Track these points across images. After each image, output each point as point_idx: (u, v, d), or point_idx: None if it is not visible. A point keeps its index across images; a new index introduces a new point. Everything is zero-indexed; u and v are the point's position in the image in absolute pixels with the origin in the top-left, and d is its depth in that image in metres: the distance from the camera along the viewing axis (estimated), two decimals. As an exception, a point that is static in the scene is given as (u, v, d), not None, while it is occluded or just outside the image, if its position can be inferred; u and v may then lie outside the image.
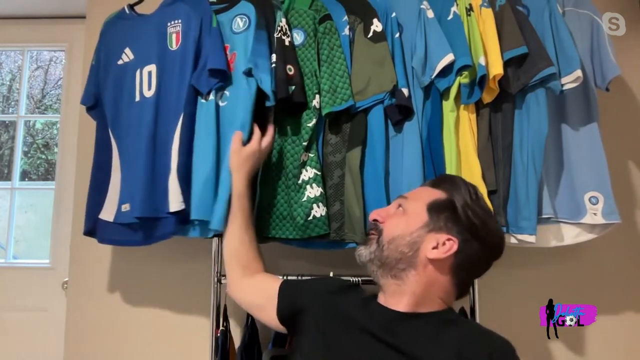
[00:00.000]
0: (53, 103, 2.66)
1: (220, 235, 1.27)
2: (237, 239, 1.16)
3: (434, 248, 0.88)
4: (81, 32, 1.85)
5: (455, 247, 0.88)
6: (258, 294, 1.09)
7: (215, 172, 1.27)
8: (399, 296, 0.91)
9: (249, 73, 1.28)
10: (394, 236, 0.91)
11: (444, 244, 0.88)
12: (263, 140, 1.24)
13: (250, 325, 1.45)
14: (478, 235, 0.89)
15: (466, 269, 0.91)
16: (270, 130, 1.26)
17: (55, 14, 2.15)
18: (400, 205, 0.95)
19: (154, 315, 1.65)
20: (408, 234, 0.90)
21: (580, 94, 1.41)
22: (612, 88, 1.41)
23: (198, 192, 1.26)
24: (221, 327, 1.41)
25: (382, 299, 0.94)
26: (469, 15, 1.34)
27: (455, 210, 0.89)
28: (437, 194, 0.93)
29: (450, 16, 1.34)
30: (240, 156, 1.20)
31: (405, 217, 0.92)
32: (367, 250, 0.94)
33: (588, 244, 1.41)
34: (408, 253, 0.89)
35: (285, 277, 1.15)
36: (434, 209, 0.91)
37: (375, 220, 0.96)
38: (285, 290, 1.05)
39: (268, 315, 1.05)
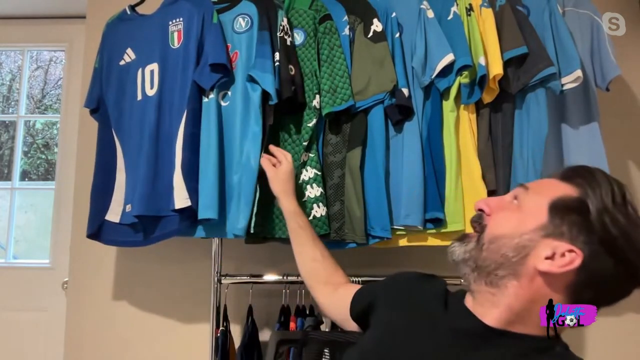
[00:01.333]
0: (53, 103, 2.66)
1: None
2: (308, 257, 1.10)
3: (547, 258, 0.68)
4: (81, 32, 1.85)
5: (577, 262, 0.67)
6: (342, 308, 0.98)
7: (219, 171, 1.27)
8: (489, 306, 0.73)
9: (251, 79, 1.29)
10: (499, 234, 0.72)
11: (562, 255, 0.67)
12: (286, 154, 1.23)
13: (250, 325, 1.45)
14: (615, 250, 0.67)
15: (590, 291, 0.70)
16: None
17: (55, 14, 2.15)
18: (516, 197, 0.75)
19: (154, 315, 1.65)
20: (517, 235, 0.70)
21: (581, 94, 1.40)
22: (612, 88, 1.40)
23: (203, 192, 1.26)
24: (221, 327, 1.41)
25: (469, 303, 0.76)
26: (469, 15, 1.34)
27: (588, 214, 0.68)
28: (567, 190, 0.71)
29: (450, 16, 1.34)
30: (280, 180, 1.18)
31: (518, 213, 0.72)
32: (462, 248, 0.76)
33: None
34: (513, 258, 0.70)
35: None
36: (558, 208, 0.69)
37: (480, 210, 0.77)
38: (358, 295, 0.96)
39: (352, 324, 0.96)
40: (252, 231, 1.27)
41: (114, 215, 1.38)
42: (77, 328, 1.66)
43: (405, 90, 1.29)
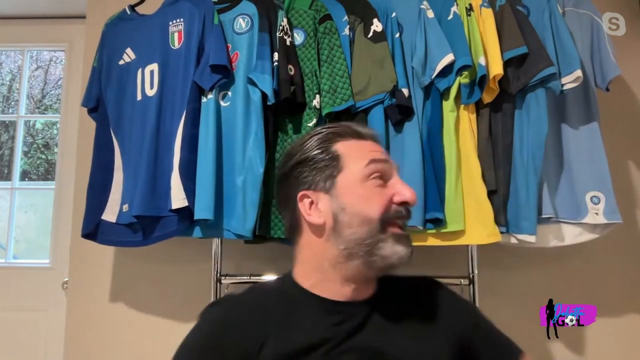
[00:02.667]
0: (53, 103, 2.66)
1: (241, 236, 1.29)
2: None
3: None
4: (81, 32, 1.85)
5: None
6: None
7: (216, 171, 1.27)
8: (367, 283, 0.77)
9: (251, 82, 1.29)
10: None
11: None
12: None
13: (250, 325, 1.45)
14: None
15: None
16: None
17: (55, 14, 2.15)
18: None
19: (153, 315, 1.65)
20: None
21: (581, 93, 1.40)
22: (612, 88, 1.40)
23: (200, 193, 1.26)
24: (221, 327, 1.41)
25: (344, 293, 0.75)
26: (469, 15, 1.34)
27: None
28: None
29: (451, 16, 1.34)
30: None
31: None
32: (409, 251, 0.73)
33: (588, 244, 1.41)
34: None
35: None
36: None
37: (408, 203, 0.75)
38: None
39: None
40: (257, 233, 1.28)
41: (110, 214, 1.38)
42: (77, 328, 1.66)
43: (405, 91, 1.29)
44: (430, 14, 1.34)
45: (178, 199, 1.26)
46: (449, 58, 1.27)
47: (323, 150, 0.76)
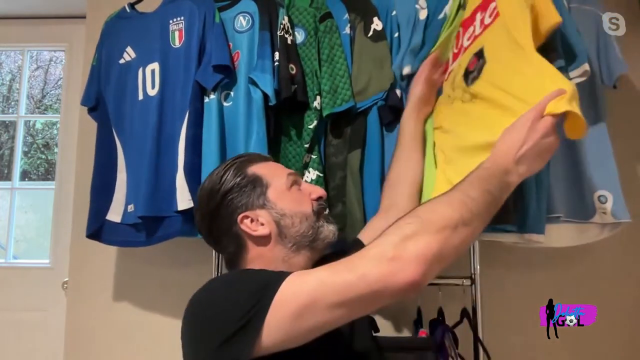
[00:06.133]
0: (53, 103, 2.66)
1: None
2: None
3: None
4: (81, 32, 1.85)
5: None
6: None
7: None
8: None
9: (252, 82, 1.29)
10: None
11: None
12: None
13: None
14: None
15: None
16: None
17: (55, 14, 2.15)
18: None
19: (154, 315, 1.65)
20: None
21: (587, 92, 1.38)
22: (618, 86, 1.39)
23: None
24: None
25: None
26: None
27: None
28: None
29: (441, 15, 1.29)
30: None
31: None
32: (338, 227, 0.95)
33: (589, 244, 1.40)
34: None
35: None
36: None
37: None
38: None
39: None
40: None
41: (115, 215, 1.38)
42: (77, 328, 1.66)
43: (398, 92, 1.26)
44: (423, 14, 1.30)
45: (184, 200, 1.26)
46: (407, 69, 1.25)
47: (243, 176, 0.90)
